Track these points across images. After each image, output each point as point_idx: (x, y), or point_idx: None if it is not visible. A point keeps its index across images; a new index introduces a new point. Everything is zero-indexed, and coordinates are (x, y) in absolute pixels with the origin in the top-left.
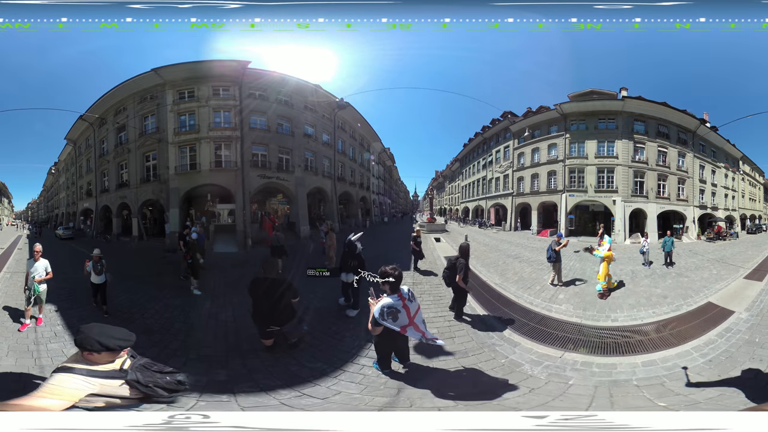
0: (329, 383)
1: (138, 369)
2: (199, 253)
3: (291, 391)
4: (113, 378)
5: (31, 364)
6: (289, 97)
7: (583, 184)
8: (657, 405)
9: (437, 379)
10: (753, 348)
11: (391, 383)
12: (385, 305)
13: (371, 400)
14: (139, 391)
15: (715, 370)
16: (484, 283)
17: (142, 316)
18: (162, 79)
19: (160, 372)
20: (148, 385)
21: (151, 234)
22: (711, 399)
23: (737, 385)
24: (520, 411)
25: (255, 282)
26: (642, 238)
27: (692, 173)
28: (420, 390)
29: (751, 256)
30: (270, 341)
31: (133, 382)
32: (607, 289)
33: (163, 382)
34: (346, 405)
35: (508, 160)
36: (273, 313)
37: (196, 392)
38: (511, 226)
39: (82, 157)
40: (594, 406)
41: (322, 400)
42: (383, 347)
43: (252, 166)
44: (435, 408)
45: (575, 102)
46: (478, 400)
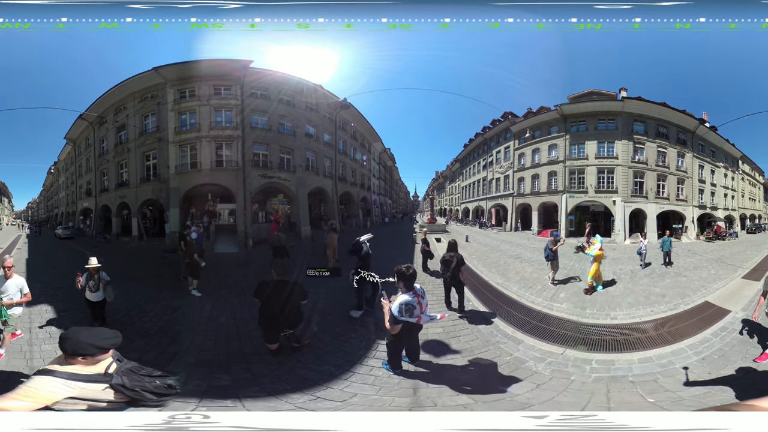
0: (341, 385)
1: (124, 373)
2: (197, 254)
3: (303, 394)
4: (96, 381)
5: (22, 365)
6: (291, 97)
7: (583, 184)
8: (647, 401)
9: (449, 377)
10: (746, 347)
11: (404, 383)
12: (403, 302)
13: (392, 400)
14: (124, 395)
15: (707, 368)
16: (486, 283)
17: (140, 319)
18: (163, 77)
19: (149, 376)
20: (135, 389)
21: (151, 234)
22: (696, 396)
23: (726, 384)
24: (520, 411)
25: (263, 285)
26: (640, 238)
27: (691, 173)
28: (436, 388)
29: (749, 256)
30: (275, 345)
31: (117, 386)
32: (592, 286)
33: (151, 386)
34: (368, 406)
35: (509, 161)
36: (285, 317)
37: (197, 397)
38: (512, 227)
39: (81, 157)
40: (592, 401)
41: (341, 403)
42: (396, 347)
43: (253, 166)
44: (456, 406)
45: (575, 103)
46: (491, 396)
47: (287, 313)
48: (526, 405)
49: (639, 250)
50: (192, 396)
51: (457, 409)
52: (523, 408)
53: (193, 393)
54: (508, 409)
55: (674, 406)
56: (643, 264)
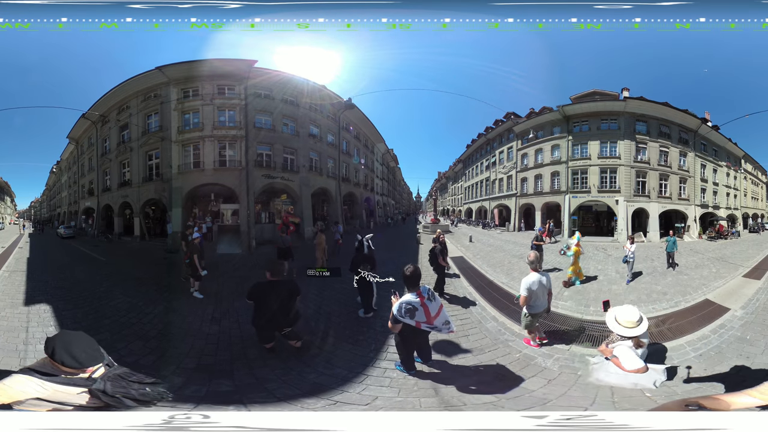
0: (358, 389)
1: (110, 378)
2: (198, 255)
3: (319, 399)
4: (74, 385)
5: (15, 363)
6: (294, 97)
7: (586, 184)
8: (645, 396)
9: (463, 376)
10: (743, 345)
11: (421, 383)
12: (404, 302)
13: (417, 401)
14: (100, 401)
15: (703, 364)
16: (491, 282)
17: (139, 320)
18: (166, 77)
19: (140, 382)
20: (115, 395)
21: (154, 234)
22: (688, 392)
23: (718, 380)
24: (520, 411)
25: (256, 287)
26: (627, 242)
27: (694, 172)
28: (453, 387)
29: (751, 255)
30: (271, 345)
31: (96, 391)
32: (570, 280)
33: (137, 393)
34: (395, 408)
35: (512, 161)
36: (284, 315)
37: (195, 402)
38: (515, 227)
39: (84, 156)
40: (600, 395)
41: (365, 406)
42: (405, 348)
43: (256, 166)
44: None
45: (577, 103)
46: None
47: (286, 311)
48: (544, 401)
49: (625, 258)
50: (192, 402)
51: (479, 408)
52: (541, 404)
53: (193, 399)
54: (529, 405)
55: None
56: (629, 276)
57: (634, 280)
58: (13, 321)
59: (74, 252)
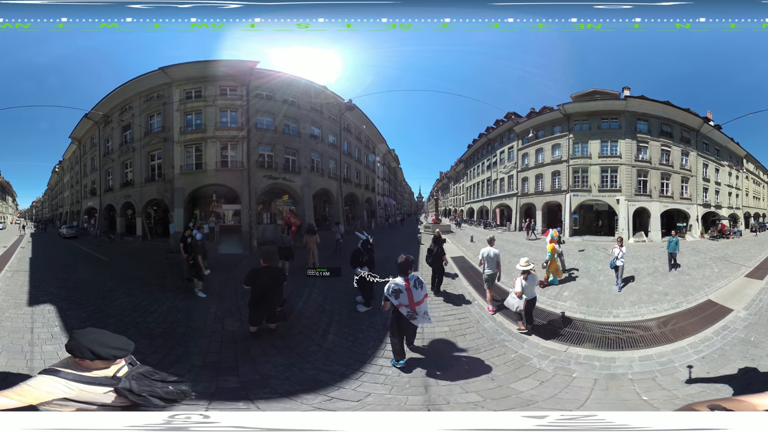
0: (353, 385)
1: (135, 377)
2: (201, 255)
3: (317, 395)
4: (100, 384)
5: (22, 365)
6: (296, 98)
7: (587, 183)
8: (641, 398)
9: (456, 375)
10: (747, 347)
11: (414, 381)
12: (392, 283)
13: (406, 399)
14: (127, 400)
15: (707, 367)
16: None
17: (144, 320)
18: (169, 78)
19: (163, 381)
20: (142, 394)
21: (156, 234)
22: (691, 395)
23: (724, 382)
24: (520, 411)
25: (252, 273)
26: (616, 245)
27: (696, 172)
28: (445, 386)
29: (753, 255)
30: (255, 328)
31: (123, 390)
32: (547, 279)
33: (162, 391)
34: (385, 406)
35: (513, 161)
36: (276, 296)
37: (206, 399)
38: (516, 227)
39: (86, 156)
40: (592, 398)
41: (357, 402)
42: (395, 336)
43: (258, 167)
44: (466, 404)
45: (578, 102)
46: (498, 392)
47: (277, 293)
48: (530, 402)
49: (613, 263)
50: (200, 399)
51: (467, 408)
52: (527, 405)
53: (204, 396)
54: (512, 405)
55: (666, 405)
56: (618, 282)
57: (626, 285)
58: (18, 322)
59: (77, 252)
